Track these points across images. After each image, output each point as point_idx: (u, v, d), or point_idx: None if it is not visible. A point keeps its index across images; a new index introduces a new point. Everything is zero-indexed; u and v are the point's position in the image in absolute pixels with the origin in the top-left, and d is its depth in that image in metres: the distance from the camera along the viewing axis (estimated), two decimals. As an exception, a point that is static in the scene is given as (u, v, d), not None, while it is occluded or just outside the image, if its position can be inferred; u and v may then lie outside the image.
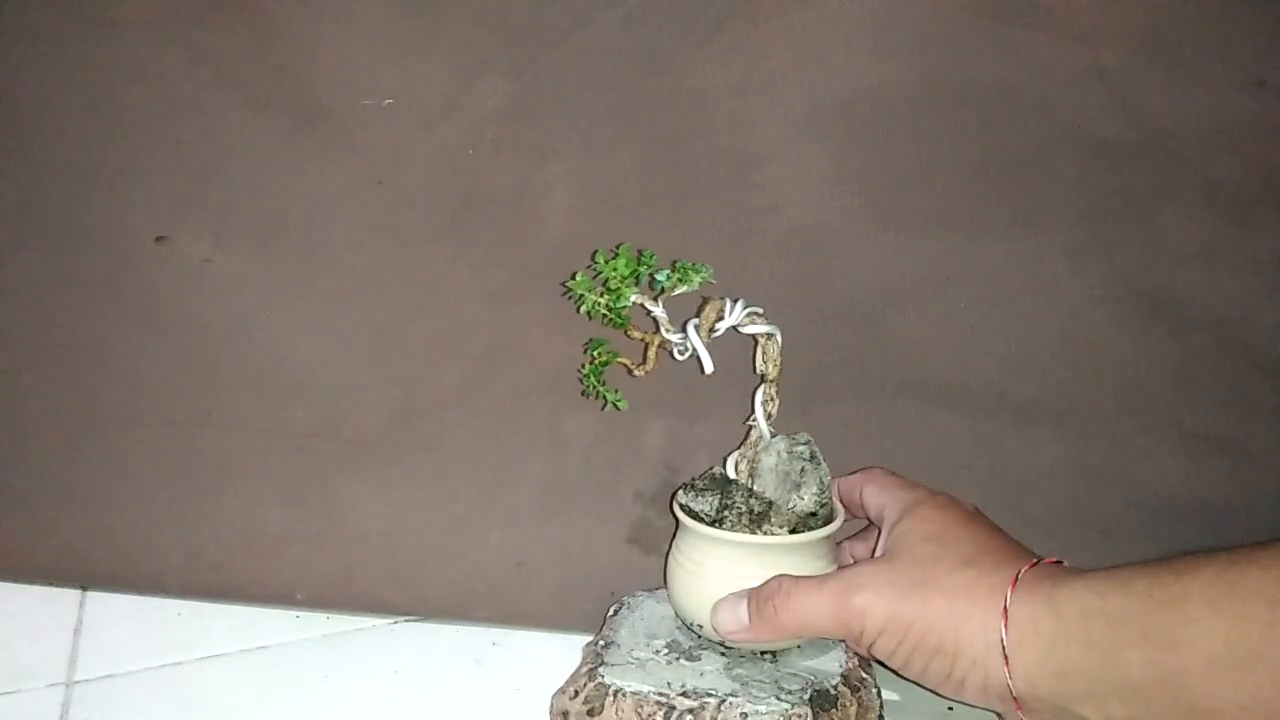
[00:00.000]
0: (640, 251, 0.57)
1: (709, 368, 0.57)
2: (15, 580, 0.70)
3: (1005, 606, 0.46)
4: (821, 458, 0.57)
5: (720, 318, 0.57)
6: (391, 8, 0.63)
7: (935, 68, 0.61)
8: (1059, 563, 0.49)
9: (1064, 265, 0.64)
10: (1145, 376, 0.65)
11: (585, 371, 0.59)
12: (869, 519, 0.59)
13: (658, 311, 0.57)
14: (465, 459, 0.68)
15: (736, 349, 0.59)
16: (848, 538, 0.61)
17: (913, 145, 0.63)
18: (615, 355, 0.59)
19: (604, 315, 0.57)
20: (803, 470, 0.57)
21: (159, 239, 0.67)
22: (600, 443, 0.67)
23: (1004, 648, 0.45)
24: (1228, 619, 0.41)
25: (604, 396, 0.59)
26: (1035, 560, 0.48)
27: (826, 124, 0.63)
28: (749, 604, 0.53)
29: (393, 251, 0.67)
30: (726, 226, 0.65)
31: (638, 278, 0.57)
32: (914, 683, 0.50)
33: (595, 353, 0.59)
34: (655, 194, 0.65)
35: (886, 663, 0.50)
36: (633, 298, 0.57)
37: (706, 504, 0.57)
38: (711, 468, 0.60)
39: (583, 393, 0.60)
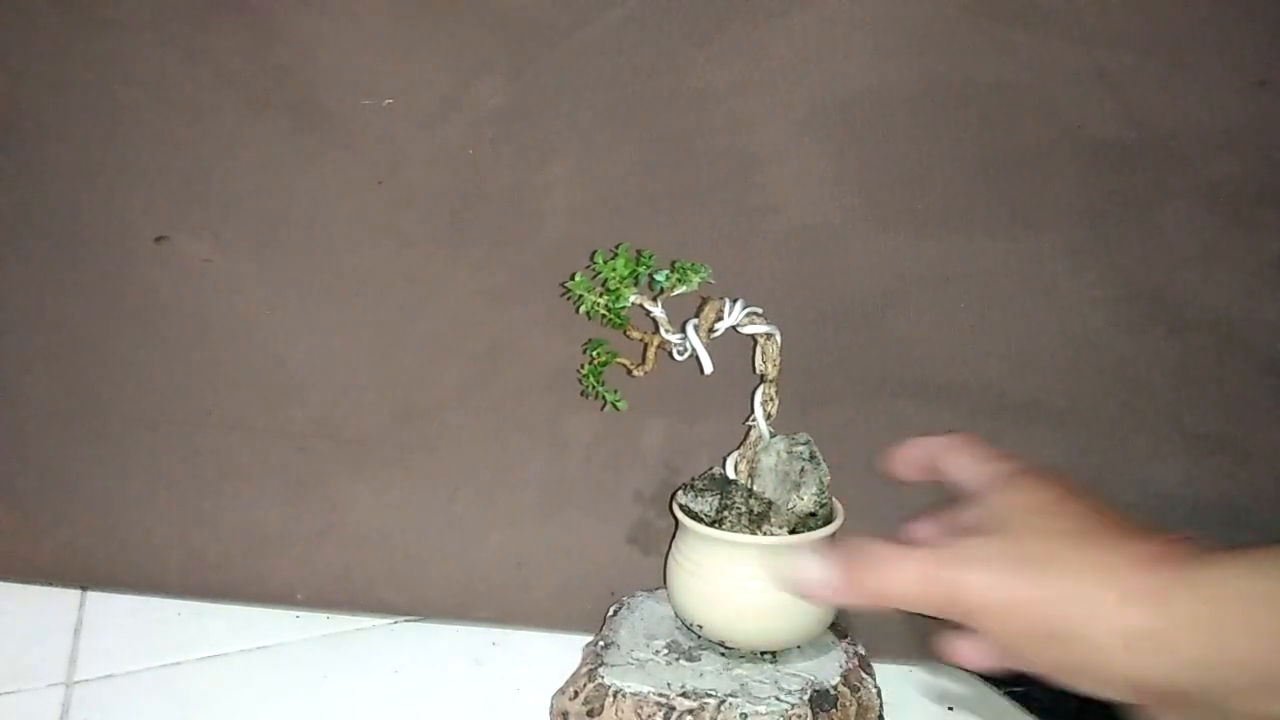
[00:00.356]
0: (639, 252, 0.57)
1: (708, 368, 0.57)
2: (15, 580, 0.70)
3: (1138, 589, 0.41)
4: (821, 458, 0.57)
5: (719, 318, 0.57)
6: (391, 8, 0.63)
7: (935, 68, 0.61)
8: (1188, 539, 0.44)
9: (1064, 265, 0.64)
10: (1145, 376, 0.65)
11: (584, 372, 0.59)
12: (946, 487, 0.51)
13: (657, 312, 0.57)
14: (465, 459, 0.68)
15: (736, 349, 0.59)
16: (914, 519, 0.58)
17: (913, 145, 0.63)
18: (614, 355, 0.59)
19: (603, 316, 0.57)
20: (802, 470, 0.57)
21: (159, 239, 0.67)
22: (600, 443, 0.67)
23: (1138, 635, 0.40)
24: None
25: (603, 397, 0.59)
26: (1163, 538, 0.43)
27: (826, 124, 0.63)
28: (837, 560, 0.47)
29: (393, 251, 0.67)
30: (726, 226, 0.65)
31: (637, 278, 0.57)
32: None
33: (594, 353, 0.59)
34: (655, 194, 0.65)
35: (993, 644, 0.45)
36: (632, 298, 0.57)
37: (706, 504, 0.57)
38: (711, 468, 0.60)
39: (582, 393, 0.60)
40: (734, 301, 0.57)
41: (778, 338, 0.58)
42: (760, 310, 0.58)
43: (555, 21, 0.62)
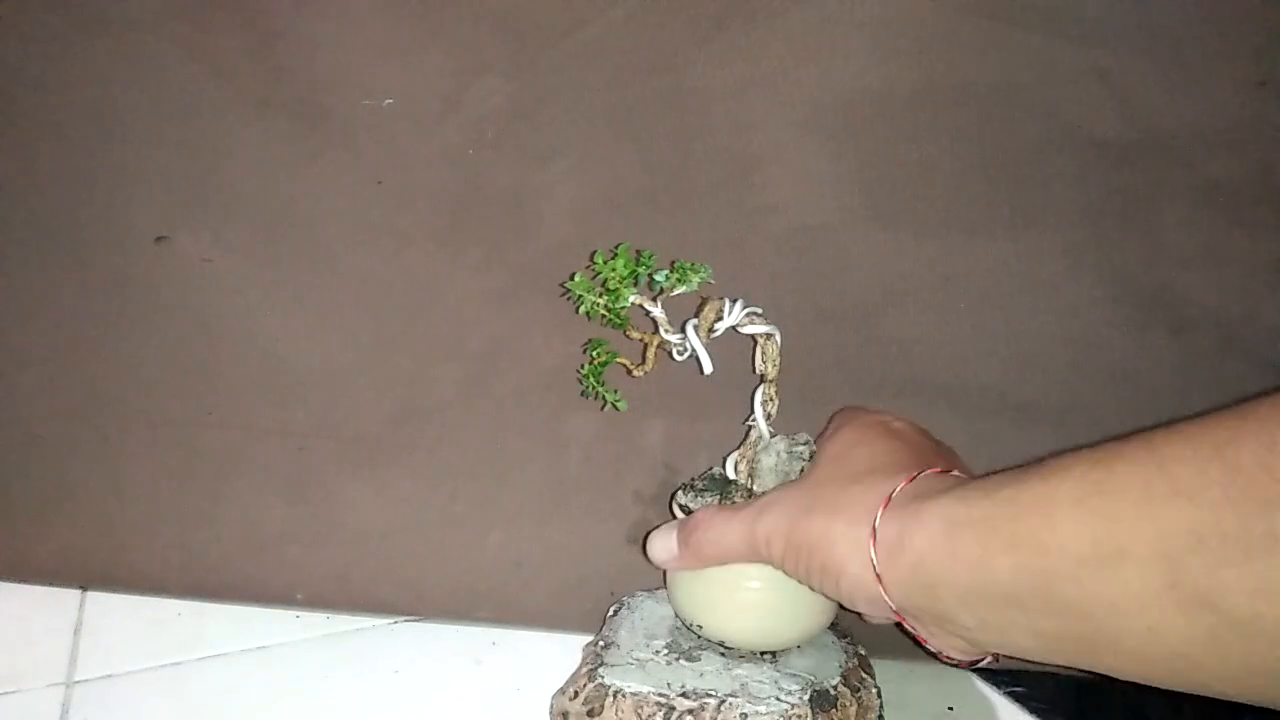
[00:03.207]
0: (639, 252, 0.57)
1: (708, 368, 0.57)
2: (15, 580, 0.70)
3: (874, 525, 0.46)
4: None
5: (719, 318, 0.57)
6: (391, 8, 0.63)
7: (935, 68, 0.61)
8: (946, 472, 0.49)
9: (1064, 265, 0.64)
10: (1145, 376, 0.65)
11: (584, 372, 0.59)
12: None
13: (656, 312, 0.57)
14: (465, 459, 0.68)
15: (736, 349, 0.59)
16: None
17: (913, 145, 0.63)
18: (614, 356, 0.59)
19: (603, 316, 0.57)
20: (802, 470, 0.57)
21: (159, 239, 0.67)
22: (600, 443, 0.67)
23: (874, 565, 0.46)
24: (1095, 516, 0.40)
25: (603, 397, 0.59)
26: (917, 473, 0.48)
27: (826, 124, 0.63)
28: (677, 534, 0.55)
29: (393, 251, 0.67)
30: (726, 226, 0.65)
31: (636, 278, 0.57)
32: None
33: (594, 353, 0.59)
34: (655, 194, 0.65)
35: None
36: (632, 298, 0.57)
37: (706, 504, 0.57)
38: (711, 468, 0.60)
39: (582, 393, 0.60)
40: (734, 301, 0.57)
41: (777, 337, 0.58)
42: (760, 310, 0.58)
43: (555, 21, 0.62)
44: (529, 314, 0.66)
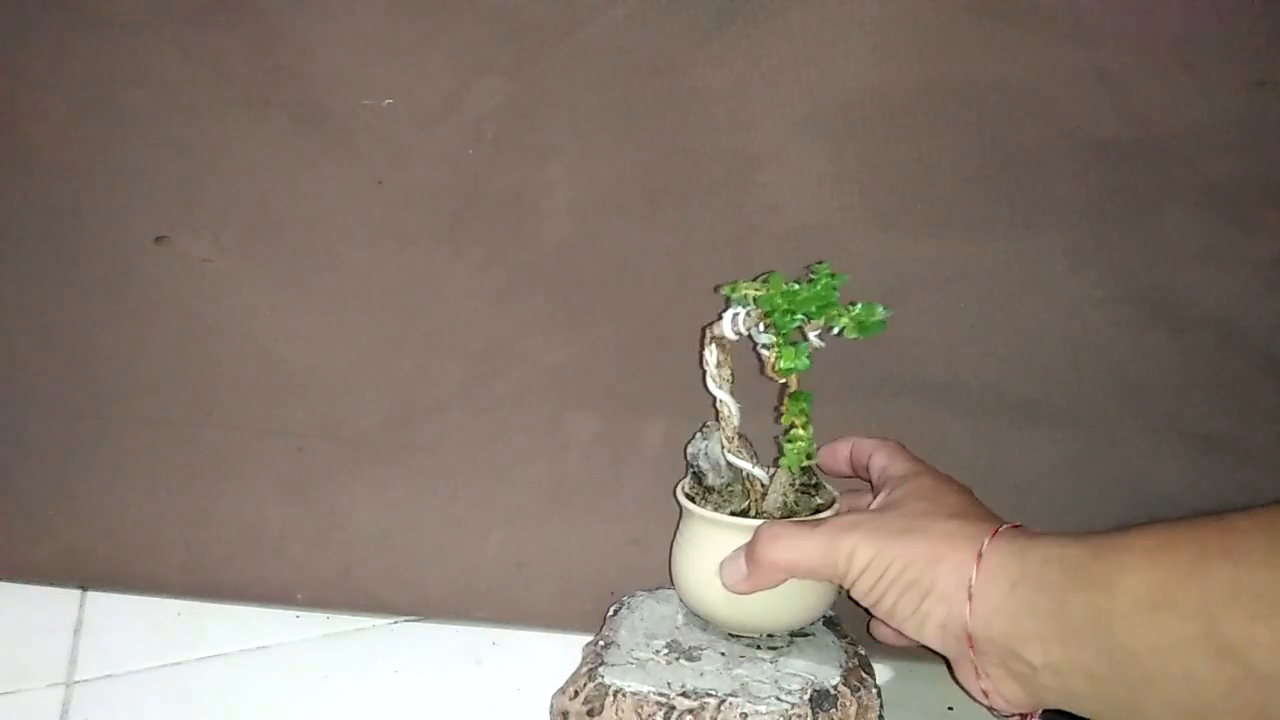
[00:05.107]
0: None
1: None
2: (15, 580, 0.70)
3: (980, 552, 0.49)
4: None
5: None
6: (391, 8, 0.63)
7: (935, 68, 0.61)
8: (1018, 526, 0.52)
9: (1064, 265, 0.64)
10: (1145, 376, 0.65)
11: (794, 446, 0.57)
12: (869, 482, 0.60)
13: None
14: (465, 459, 0.68)
15: (737, 350, 0.59)
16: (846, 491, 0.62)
17: (913, 145, 0.63)
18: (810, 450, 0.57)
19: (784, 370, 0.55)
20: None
21: (159, 239, 0.67)
22: (600, 443, 0.67)
23: (971, 588, 0.48)
24: (1156, 566, 0.44)
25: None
26: (1020, 525, 0.51)
27: (826, 124, 0.63)
28: (745, 554, 0.55)
29: (393, 251, 0.67)
30: (726, 226, 0.64)
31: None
32: (877, 620, 0.54)
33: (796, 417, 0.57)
34: (655, 194, 0.65)
35: (861, 601, 0.52)
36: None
37: (726, 492, 0.58)
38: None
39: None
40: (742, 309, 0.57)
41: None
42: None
43: (555, 21, 0.62)
44: (529, 314, 0.66)
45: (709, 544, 0.57)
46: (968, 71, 0.61)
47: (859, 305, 0.54)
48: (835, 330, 0.54)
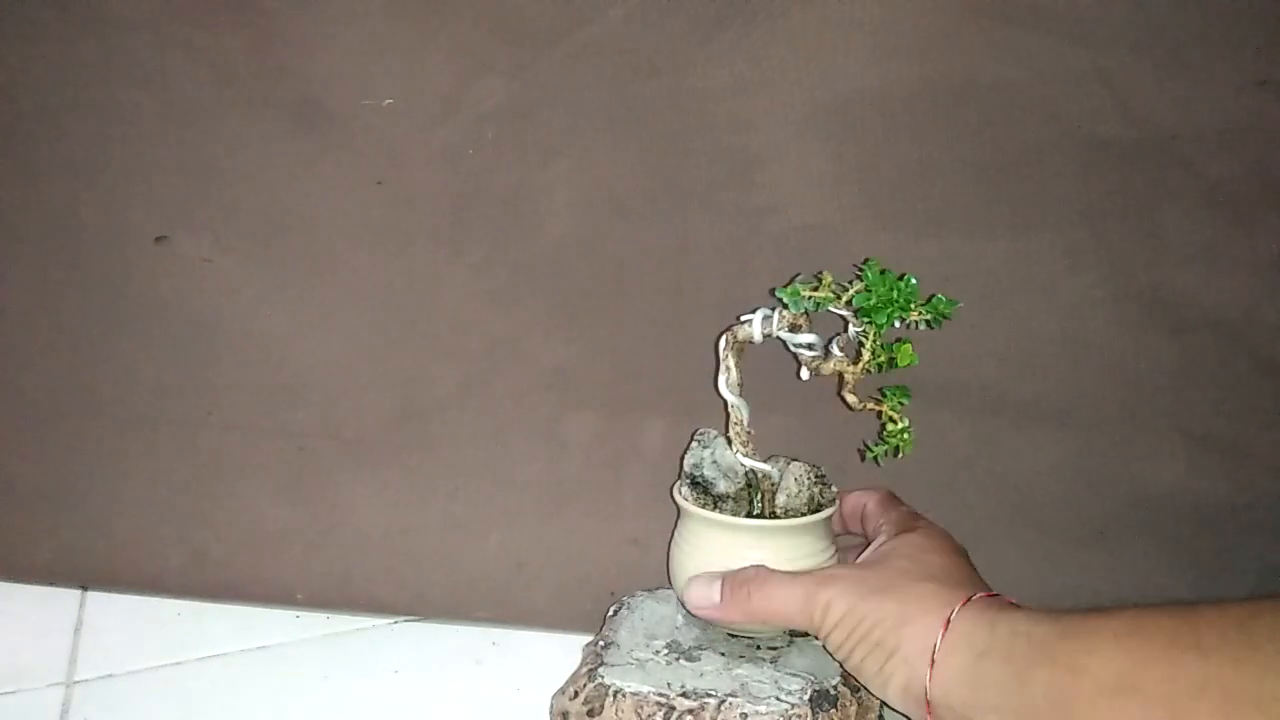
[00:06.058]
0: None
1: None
2: (15, 580, 0.70)
3: (949, 618, 0.49)
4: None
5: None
6: (391, 8, 0.63)
7: (935, 68, 0.61)
8: (996, 595, 0.52)
9: (1064, 265, 0.64)
10: (1145, 376, 0.65)
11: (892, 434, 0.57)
12: (864, 534, 0.60)
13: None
14: (465, 459, 0.68)
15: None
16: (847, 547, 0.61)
17: (913, 145, 0.63)
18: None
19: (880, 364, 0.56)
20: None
21: (159, 239, 0.67)
22: (600, 443, 0.67)
23: (934, 653, 0.48)
24: (1123, 652, 0.43)
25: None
26: (987, 593, 0.51)
27: (826, 124, 0.63)
28: (724, 585, 0.55)
29: (393, 251, 0.67)
30: (726, 226, 0.64)
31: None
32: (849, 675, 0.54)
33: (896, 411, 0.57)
34: (655, 194, 0.65)
35: (833, 655, 0.53)
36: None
37: (738, 500, 0.58)
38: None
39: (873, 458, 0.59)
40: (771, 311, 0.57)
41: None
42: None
43: (555, 21, 0.62)
44: (529, 314, 0.66)
45: (709, 545, 0.56)
46: (968, 71, 0.61)
47: (937, 296, 0.55)
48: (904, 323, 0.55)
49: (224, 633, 0.66)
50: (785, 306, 0.56)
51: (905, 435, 0.57)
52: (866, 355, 0.56)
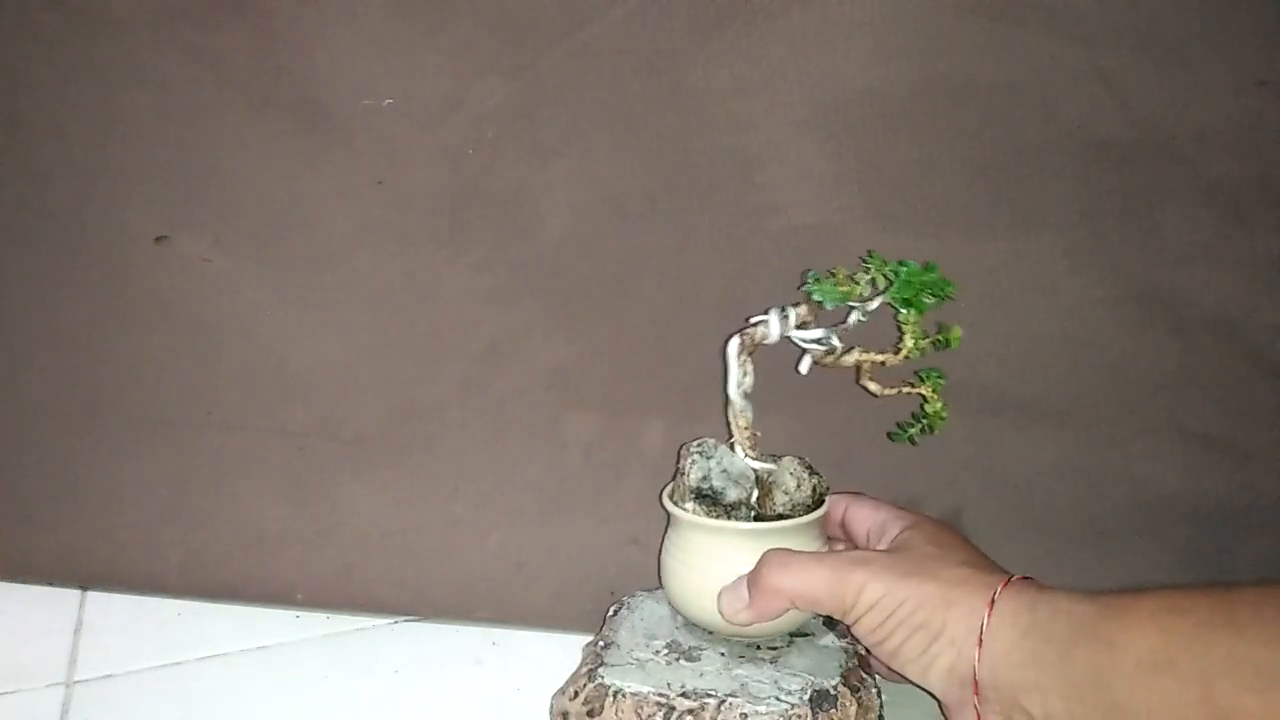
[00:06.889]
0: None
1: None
2: (15, 580, 0.70)
3: (993, 598, 0.49)
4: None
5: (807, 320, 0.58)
6: (391, 8, 0.63)
7: (935, 68, 0.61)
8: (1026, 578, 0.52)
9: (1064, 265, 0.64)
10: (1145, 376, 0.65)
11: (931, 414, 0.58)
12: (847, 538, 0.60)
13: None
14: (465, 459, 0.68)
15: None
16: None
17: (913, 145, 0.63)
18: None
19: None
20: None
21: (159, 239, 0.67)
22: (600, 443, 0.67)
23: (982, 633, 0.49)
24: (1159, 629, 0.45)
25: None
26: (1028, 577, 0.52)
27: (826, 124, 0.63)
28: (748, 582, 0.55)
29: (393, 251, 0.67)
30: (726, 226, 0.64)
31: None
32: (878, 661, 0.54)
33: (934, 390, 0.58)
34: (655, 194, 0.65)
35: (864, 638, 0.53)
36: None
37: (739, 492, 0.58)
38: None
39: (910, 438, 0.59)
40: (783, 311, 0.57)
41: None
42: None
43: (555, 21, 0.62)
44: (529, 314, 0.66)
45: (701, 550, 0.56)
46: (968, 71, 0.61)
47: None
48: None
49: (224, 633, 0.66)
50: (819, 304, 0.57)
51: (942, 415, 0.58)
52: (909, 342, 0.56)
